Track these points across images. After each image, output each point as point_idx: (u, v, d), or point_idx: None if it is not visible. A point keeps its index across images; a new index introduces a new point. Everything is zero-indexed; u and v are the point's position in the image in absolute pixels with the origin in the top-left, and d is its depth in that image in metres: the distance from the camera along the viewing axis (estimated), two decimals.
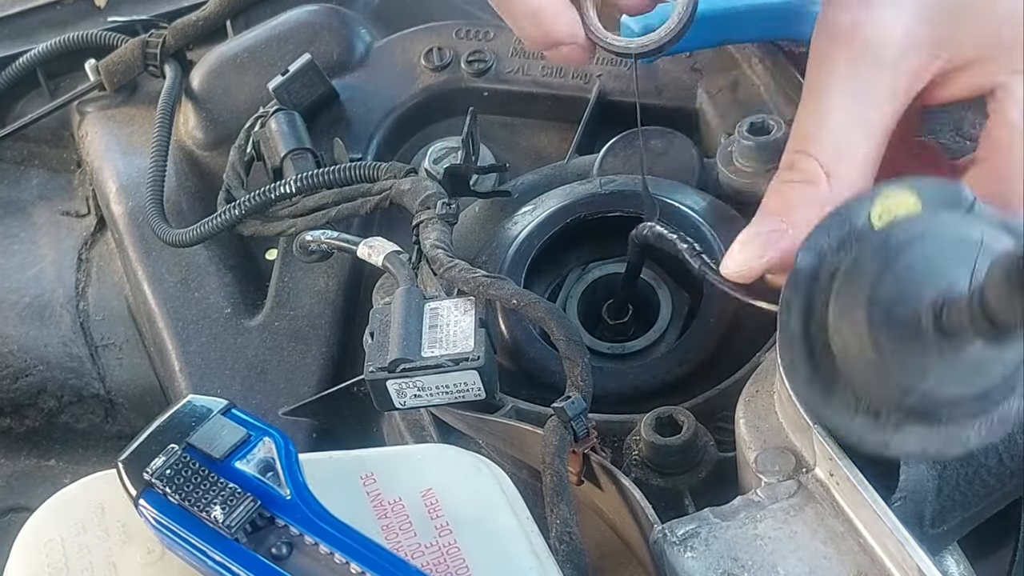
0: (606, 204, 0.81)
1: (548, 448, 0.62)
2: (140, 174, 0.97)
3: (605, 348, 0.78)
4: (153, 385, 0.95)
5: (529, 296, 0.69)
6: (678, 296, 0.79)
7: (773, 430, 0.62)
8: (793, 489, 0.59)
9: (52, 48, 1.08)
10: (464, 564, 0.56)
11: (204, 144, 1.00)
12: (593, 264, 0.82)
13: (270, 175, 0.91)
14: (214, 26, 1.07)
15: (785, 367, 0.55)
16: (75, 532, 0.58)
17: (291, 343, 0.88)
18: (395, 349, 0.67)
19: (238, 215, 0.86)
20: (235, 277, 0.93)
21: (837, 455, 0.57)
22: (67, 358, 0.97)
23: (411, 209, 0.78)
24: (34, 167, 1.11)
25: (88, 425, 0.98)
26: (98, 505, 0.59)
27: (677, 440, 0.67)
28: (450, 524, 0.58)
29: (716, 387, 0.71)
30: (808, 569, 0.55)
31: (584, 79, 0.94)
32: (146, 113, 1.03)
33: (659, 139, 0.86)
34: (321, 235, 0.78)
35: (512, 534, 0.58)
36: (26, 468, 0.98)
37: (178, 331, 0.90)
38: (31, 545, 0.58)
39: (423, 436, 0.76)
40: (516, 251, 0.79)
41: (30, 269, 1.02)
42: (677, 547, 0.57)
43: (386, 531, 0.58)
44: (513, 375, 0.75)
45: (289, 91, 0.94)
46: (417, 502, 0.59)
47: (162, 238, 0.90)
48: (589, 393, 0.65)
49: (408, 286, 0.70)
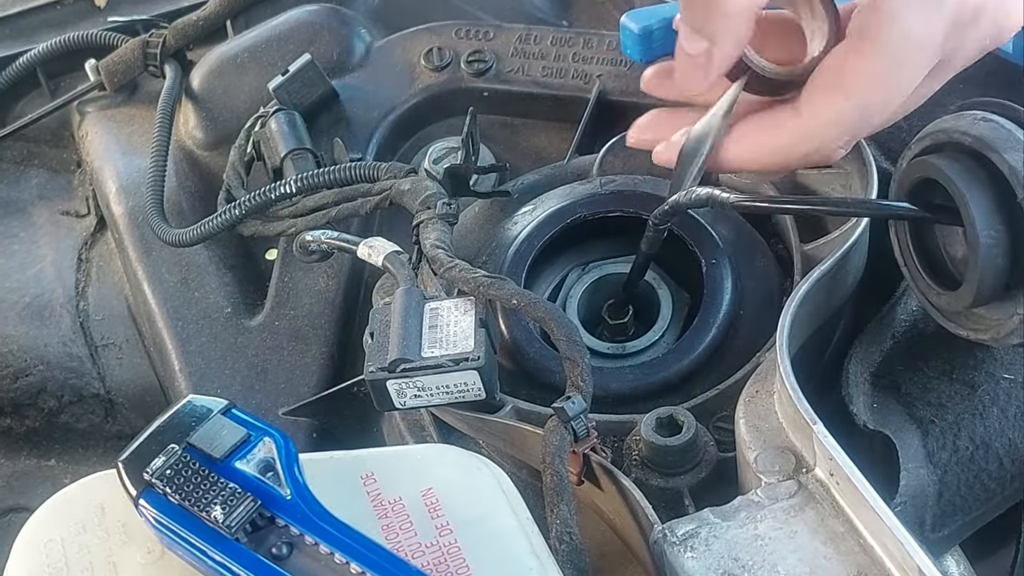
0: (606, 204, 0.81)
1: (548, 448, 0.62)
2: (140, 174, 0.97)
3: (605, 348, 0.78)
4: (153, 385, 0.95)
5: (529, 296, 0.69)
6: (678, 296, 0.79)
7: (773, 430, 0.62)
8: (793, 489, 0.59)
9: (52, 48, 1.08)
10: (464, 564, 0.56)
11: (204, 144, 1.00)
12: (593, 264, 0.82)
13: (270, 175, 0.91)
14: (214, 26, 1.07)
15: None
16: (75, 532, 0.58)
17: (291, 343, 0.88)
18: (395, 349, 0.66)
19: (238, 215, 0.86)
20: (235, 277, 0.93)
21: (837, 455, 0.57)
22: (67, 358, 0.97)
23: (411, 209, 0.78)
24: (34, 167, 1.11)
25: (88, 425, 0.97)
26: (98, 505, 0.59)
27: (677, 440, 0.67)
28: (450, 524, 0.58)
29: (716, 387, 0.71)
30: (808, 569, 0.56)
31: (584, 79, 0.94)
32: (146, 113, 1.03)
33: None
34: (321, 235, 0.78)
35: (512, 534, 0.58)
36: (26, 468, 0.98)
37: (178, 331, 0.90)
38: (31, 545, 0.58)
39: (423, 436, 0.76)
40: (516, 251, 0.79)
41: (30, 269, 1.02)
42: (677, 547, 0.57)
43: (386, 531, 0.58)
44: (513, 375, 0.75)
45: (289, 91, 0.94)
46: (417, 502, 0.59)
47: (162, 238, 0.90)
48: (589, 393, 0.65)
49: (408, 286, 0.70)
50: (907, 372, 0.70)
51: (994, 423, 0.67)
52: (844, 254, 0.71)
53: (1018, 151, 0.60)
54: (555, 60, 0.95)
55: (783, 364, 0.61)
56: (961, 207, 0.62)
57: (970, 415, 0.68)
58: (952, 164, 0.63)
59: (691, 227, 0.78)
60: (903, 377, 0.70)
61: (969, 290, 0.63)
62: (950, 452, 0.67)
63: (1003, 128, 0.61)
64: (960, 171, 0.62)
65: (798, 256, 0.75)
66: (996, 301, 0.63)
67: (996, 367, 0.69)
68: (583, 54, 0.95)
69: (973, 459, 0.66)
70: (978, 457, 0.66)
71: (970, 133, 0.62)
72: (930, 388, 0.69)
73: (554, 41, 0.96)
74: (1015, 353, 0.69)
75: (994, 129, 0.61)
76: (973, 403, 0.68)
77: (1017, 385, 0.68)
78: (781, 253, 0.79)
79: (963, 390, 0.69)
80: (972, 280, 0.62)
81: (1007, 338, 0.63)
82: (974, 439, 0.67)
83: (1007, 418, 0.67)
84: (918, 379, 0.70)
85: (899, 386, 0.70)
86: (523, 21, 1.01)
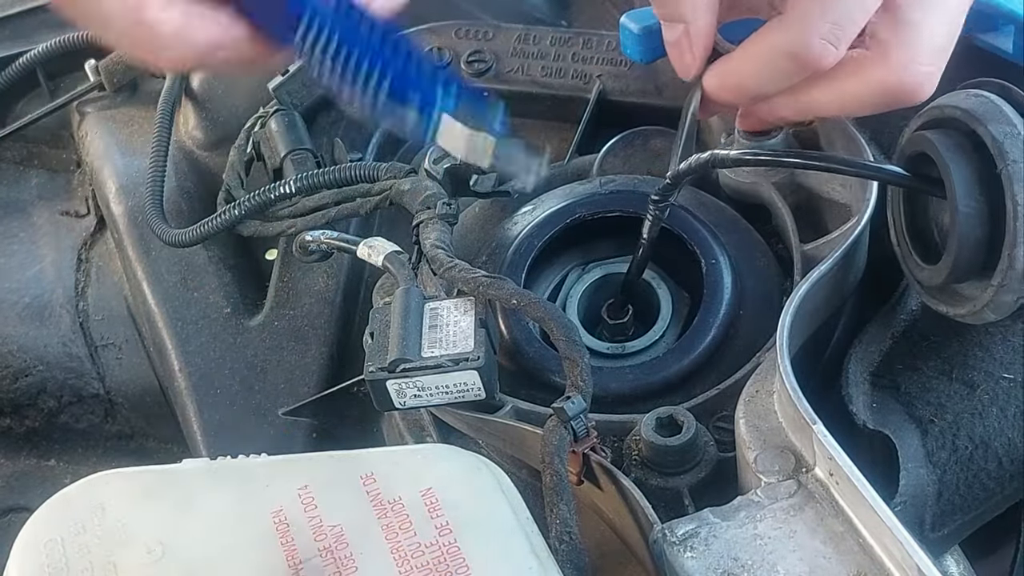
0: (606, 204, 0.81)
1: (548, 448, 0.62)
2: (140, 174, 0.97)
3: (605, 348, 0.78)
4: (153, 385, 0.95)
5: (529, 296, 0.69)
6: (678, 296, 0.79)
7: (773, 430, 0.63)
8: (793, 489, 0.59)
9: (52, 48, 1.08)
10: (464, 564, 0.56)
11: (204, 144, 1.00)
12: (593, 264, 0.82)
13: (270, 175, 0.91)
14: None
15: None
16: (75, 532, 0.58)
17: (291, 343, 0.88)
18: (395, 349, 0.67)
19: (238, 215, 0.86)
20: (235, 277, 0.93)
21: (837, 455, 0.57)
22: (67, 358, 0.97)
23: (411, 209, 0.78)
24: (34, 167, 1.11)
25: (88, 425, 0.97)
26: (98, 505, 0.59)
27: (677, 440, 0.67)
28: (450, 524, 0.58)
29: (716, 387, 0.71)
30: (808, 569, 0.56)
31: (584, 79, 0.94)
32: (146, 113, 1.03)
33: (659, 139, 0.86)
34: (321, 235, 0.78)
35: (512, 534, 0.58)
36: (26, 468, 0.98)
37: (177, 331, 0.90)
38: (31, 545, 0.58)
39: (423, 436, 0.76)
40: (516, 251, 0.79)
41: (30, 269, 1.02)
42: (677, 547, 0.57)
43: (386, 531, 0.58)
44: (513, 375, 0.75)
45: (289, 91, 0.94)
46: (417, 502, 0.59)
47: (162, 238, 0.90)
48: (589, 393, 0.65)
49: (408, 286, 0.70)
50: (907, 372, 0.71)
51: (993, 423, 0.67)
52: (844, 254, 0.71)
53: (1003, 124, 0.62)
54: (555, 60, 0.95)
55: (783, 364, 0.61)
56: (944, 177, 0.64)
57: (969, 415, 0.68)
58: (941, 137, 0.65)
59: (691, 227, 0.78)
60: (903, 377, 0.70)
61: (947, 262, 0.65)
62: (949, 452, 0.67)
63: (991, 103, 0.63)
64: (947, 143, 0.64)
65: (798, 256, 0.75)
66: (975, 278, 0.65)
67: (995, 367, 0.69)
68: (583, 54, 0.94)
69: (972, 459, 0.66)
70: (977, 457, 0.66)
71: (960, 107, 0.64)
72: (929, 388, 0.69)
73: (553, 41, 0.95)
74: (1015, 353, 0.69)
75: (983, 103, 0.63)
76: (972, 403, 0.68)
77: (1016, 385, 0.68)
78: (781, 253, 0.79)
79: (962, 390, 0.69)
80: (951, 251, 0.64)
81: (982, 313, 0.65)
82: (973, 439, 0.67)
83: (1006, 418, 0.67)
84: (918, 379, 0.70)
85: (899, 386, 0.71)
86: (522, 21, 1.00)
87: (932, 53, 0.66)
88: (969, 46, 0.80)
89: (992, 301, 0.64)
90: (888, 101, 0.67)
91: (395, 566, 0.56)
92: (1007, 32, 0.80)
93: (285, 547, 0.58)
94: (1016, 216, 0.61)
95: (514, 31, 0.97)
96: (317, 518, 0.59)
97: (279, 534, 0.58)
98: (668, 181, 0.73)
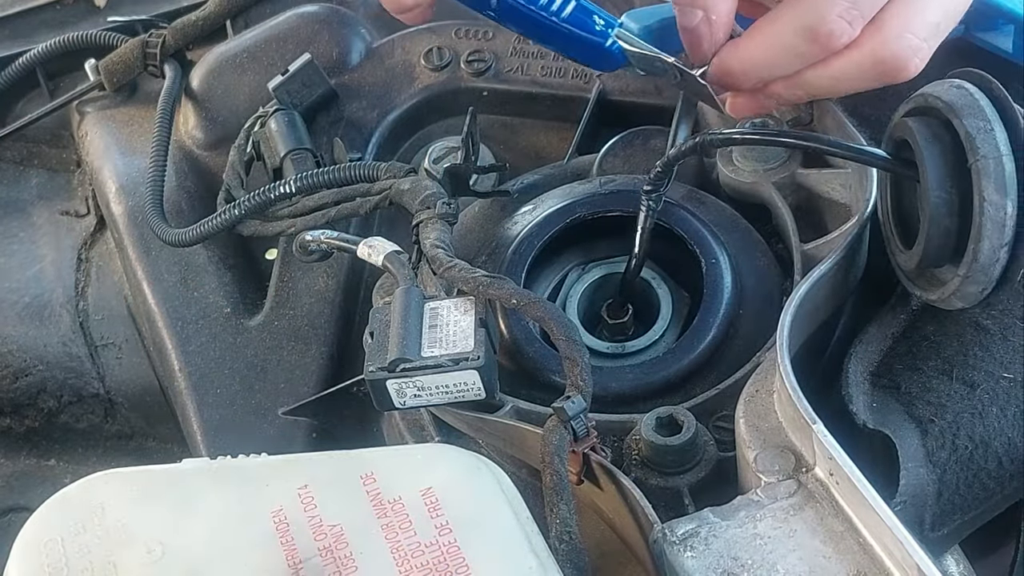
0: (606, 204, 0.81)
1: (548, 447, 0.62)
2: (140, 174, 0.97)
3: (605, 348, 0.78)
4: (152, 385, 0.95)
5: (529, 296, 0.69)
6: (678, 296, 0.79)
7: (773, 430, 0.63)
8: (793, 489, 0.59)
9: (52, 48, 1.08)
10: (464, 563, 0.56)
11: (204, 144, 1.00)
12: (593, 264, 0.82)
13: (270, 175, 0.91)
14: (214, 26, 1.07)
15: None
16: (75, 532, 0.58)
17: (291, 343, 0.88)
18: (395, 349, 0.67)
19: (238, 215, 0.86)
20: (235, 277, 0.93)
21: (837, 454, 0.57)
22: (67, 358, 0.97)
23: (411, 209, 0.78)
24: (34, 167, 1.11)
25: (88, 425, 0.97)
26: (98, 505, 0.59)
27: (677, 440, 0.67)
28: (450, 523, 0.58)
29: (716, 387, 0.71)
30: (808, 568, 0.56)
31: (584, 79, 0.94)
32: (146, 113, 1.03)
33: (659, 139, 0.86)
34: (321, 235, 0.78)
35: (512, 534, 0.58)
36: (26, 468, 0.98)
37: (177, 331, 0.90)
38: (31, 545, 0.58)
39: (423, 436, 0.76)
40: (516, 251, 0.79)
41: (30, 269, 1.02)
42: (677, 547, 0.57)
43: (386, 530, 0.58)
44: (513, 375, 0.75)
45: (289, 91, 0.94)
46: (417, 502, 0.59)
47: (161, 238, 0.90)
48: (589, 393, 0.65)
49: (408, 286, 0.70)
50: (907, 372, 0.71)
51: (993, 422, 0.67)
52: (844, 254, 0.71)
53: (978, 118, 0.63)
54: (555, 59, 0.95)
55: (783, 363, 0.61)
56: (919, 165, 0.66)
57: (969, 414, 0.68)
58: (920, 125, 0.66)
59: (691, 227, 0.78)
60: (903, 377, 0.70)
61: (919, 248, 0.67)
62: (949, 451, 0.67)
63: (970, 95, 0.64)
64: (925, 132, 0.66)
65: (798, 256, 0.75)
66: (948, 264, 0.67)
67: (995, 366, 0.69)
68: None
69: (972, 458, 0.66)
70: (977, 456, 0.66)
71: (941, 98, 0.65)
72: (929, 388, 0.69)
73: None
74: (1015, 353, 0.69)
75: (963, 96, 0.64)
76: (972, 402, 0.68)
77: (1016, 385, 0.68)
78: (781, 253, 0.79)
79: (962, 389, 0.69)
80: (921, 238, 0.66)
81: (950, 299, 0.67)
82: (973, 438, 0.67)
83: (1006, 417, 0.67)
84: (917, 379, 0.70)
85: (899, 386, 0.70)
86: None
87: (925, 27, 0.66)
88: (968, 45, 0.80)
89: (959, 290, 0.66)
90: (879, 74, 0.67)
91: (395, 566, 0.56)
92: (1007, 31, 0.80)
93: (285, 547, 0.58)
94: (982, 211, 0.62)
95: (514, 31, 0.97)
96: (317, 518, 0.59)
97: (279, 534, 0.58)
98: (659, 169, 0.73)
